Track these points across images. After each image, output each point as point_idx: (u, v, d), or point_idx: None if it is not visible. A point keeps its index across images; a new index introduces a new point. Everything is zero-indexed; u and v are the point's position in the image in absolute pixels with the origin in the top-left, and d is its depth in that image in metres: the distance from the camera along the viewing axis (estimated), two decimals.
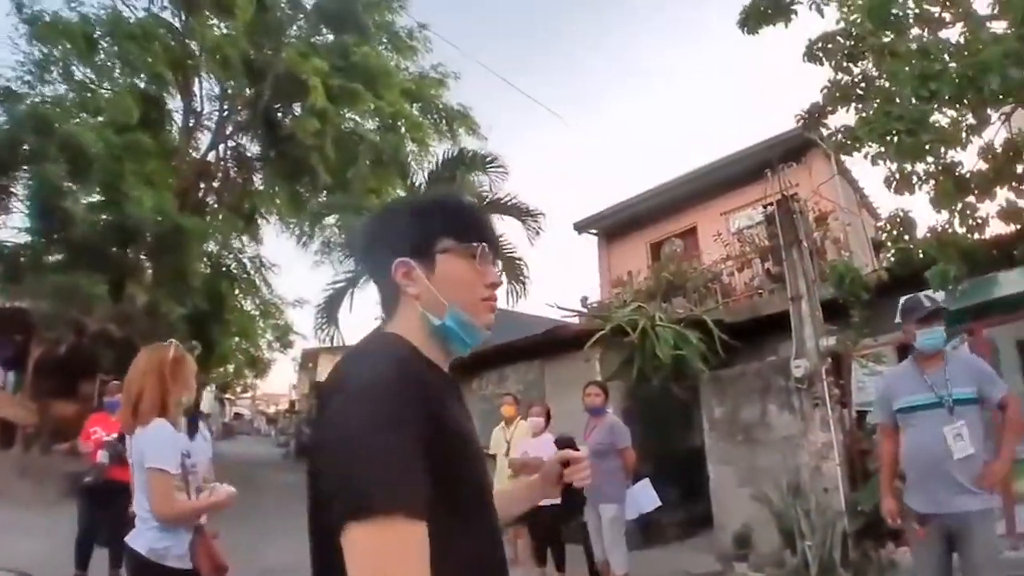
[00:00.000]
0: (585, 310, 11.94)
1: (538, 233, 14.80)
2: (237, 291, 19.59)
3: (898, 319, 3.72)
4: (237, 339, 22.32)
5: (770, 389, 7.51)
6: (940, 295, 6.77)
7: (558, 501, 1.68)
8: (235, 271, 19.16)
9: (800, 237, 7.88)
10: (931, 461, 3.41)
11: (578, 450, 1.59)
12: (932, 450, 3.40)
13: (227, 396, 46.20)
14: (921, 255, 6.90)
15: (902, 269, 7.09)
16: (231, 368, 29.05)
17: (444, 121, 17.62)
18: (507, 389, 9.89)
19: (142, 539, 2.76)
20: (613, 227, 16.28)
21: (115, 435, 5.59)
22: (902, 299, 3.76)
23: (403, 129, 16.94)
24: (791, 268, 7.85)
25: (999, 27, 6.51)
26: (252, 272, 19.66)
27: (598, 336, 8.94)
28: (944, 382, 3.47)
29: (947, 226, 6.95)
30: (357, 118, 17.54)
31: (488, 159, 14.72)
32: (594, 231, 16.68)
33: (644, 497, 6.00)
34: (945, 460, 3.34)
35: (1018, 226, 7.02)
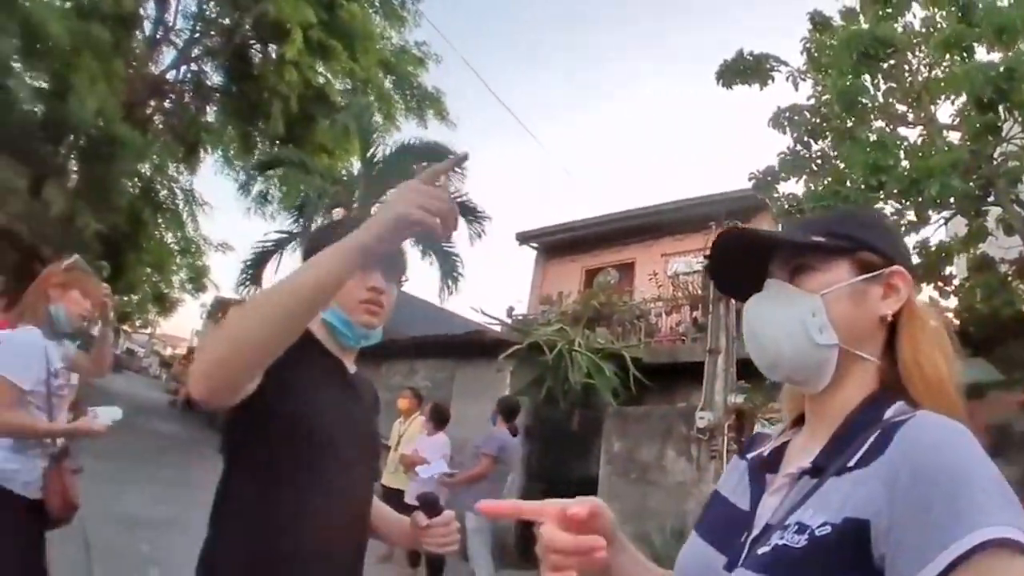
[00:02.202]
0: (508, 321, 11.88)
1: (480, 235, 14.73)
2: (160, 220, 18.70)
3: None
4: (149, 270, 21.36)
5: (672, 434, 7.59)
6: None
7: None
8: (163, 199, 18.26)
9: None
10: None
11: (438, 512, 1.58)
12: None
13: (124, 327, 43.98)
14: None
15: None
16: (135, 299, 27.69)
17: (415, 101, 17.40)
18: (415, 383, 9.76)
19: None
20: (553, 245, 16.36)
21: None
22: None
23: (372, 98, 16.60)
24: (715, 321, 7.99)
25: (956, 137, 6.87)
26: (181, 204, 18.80)
27: (514, 349, 8.90)
28: None
29: None
30: (328, 75, 17.07)
31: (451, 154, 14.53)
32: (535, 245, 16.74)
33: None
34: None
35: None
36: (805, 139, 7.56)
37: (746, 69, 7.63)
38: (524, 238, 16.54)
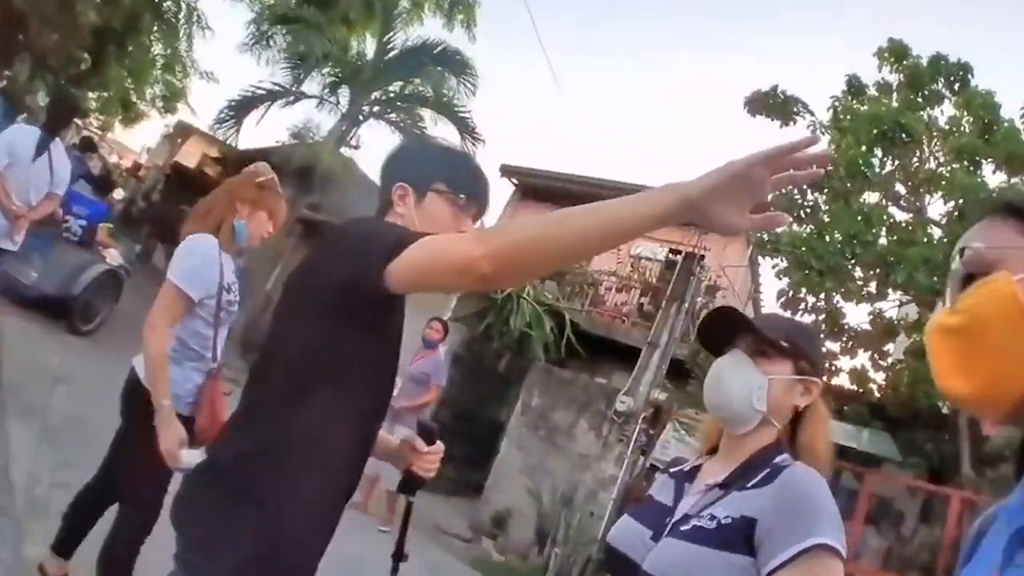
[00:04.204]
0: None
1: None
2: (156, 29, 17.82)
3: None
4: (127, 75, 20.39)
5: (590, 407, 7.92)
6: None
7: None
8: (166, 9, 17.32)
9: (685, 297, 8.31)
10: None
11: (434, 441, 1.65)
12: None
13: (82, 123, 42.22)
14: None
15: None
16: (104, 97, 26.44)
17: (448, 1, 16.76)
18: None
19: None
20: (533, 188, 16.22)
21: None
22: None
23: None
24: (663, 319, 8.27)
25: (939, 233, 7.24)
26: (182, 20, 17.84)
27: None
28: None
29: None
30: None
31: (468, 68, 14.17)
32: (515, 181, 16.52)
33: None
34: None
35: (860, 390, 7.90)
36: (804, 188, 7.86)
37: (774, 105, 7.87)
38: (507, 171, 16.31)
